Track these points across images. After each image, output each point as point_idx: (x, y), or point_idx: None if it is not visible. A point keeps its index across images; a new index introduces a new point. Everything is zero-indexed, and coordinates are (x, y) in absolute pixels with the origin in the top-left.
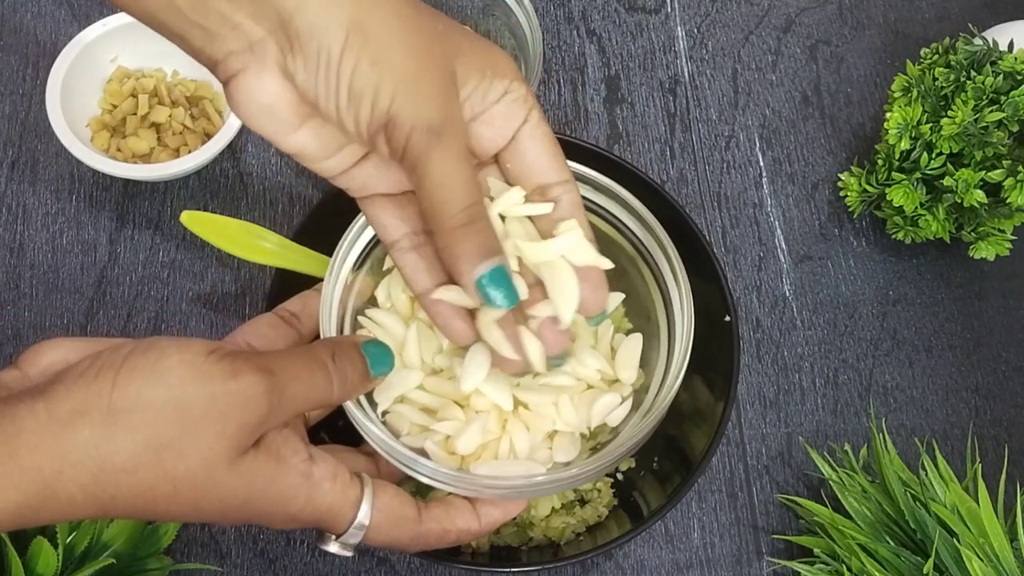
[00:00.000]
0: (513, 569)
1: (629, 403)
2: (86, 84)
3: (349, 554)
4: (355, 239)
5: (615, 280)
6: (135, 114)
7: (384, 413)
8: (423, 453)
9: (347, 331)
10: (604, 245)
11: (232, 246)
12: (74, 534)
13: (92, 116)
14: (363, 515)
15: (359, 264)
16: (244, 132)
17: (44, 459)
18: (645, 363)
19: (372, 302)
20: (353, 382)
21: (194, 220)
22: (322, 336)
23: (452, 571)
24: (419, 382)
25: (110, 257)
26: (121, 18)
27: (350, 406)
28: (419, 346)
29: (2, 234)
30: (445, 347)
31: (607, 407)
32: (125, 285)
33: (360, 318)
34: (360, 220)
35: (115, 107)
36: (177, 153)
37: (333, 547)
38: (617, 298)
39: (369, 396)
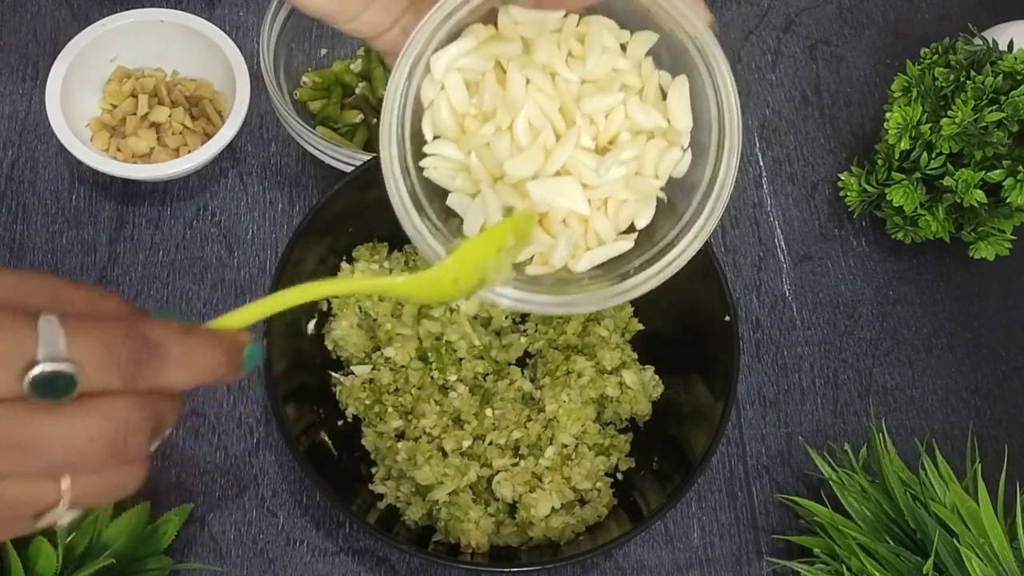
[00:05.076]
0: (513, 569)
1: (690, 154)
2: (86, 84)
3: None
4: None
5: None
6: (135, 114)
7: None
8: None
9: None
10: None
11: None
12: (74, 534)
13: (92, 116)
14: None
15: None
16: (244, 132)
17: None
18: (695, 110)
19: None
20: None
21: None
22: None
23: (452, 571)
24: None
25: (110, 257)
26: (121, 18)
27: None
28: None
29: (2, 234)
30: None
31: (674, 159)
32: (125, 285)
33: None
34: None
35: (115, 107)
36: (177, 153)
37: None
38: (651, 38)
39: (417, 148)
